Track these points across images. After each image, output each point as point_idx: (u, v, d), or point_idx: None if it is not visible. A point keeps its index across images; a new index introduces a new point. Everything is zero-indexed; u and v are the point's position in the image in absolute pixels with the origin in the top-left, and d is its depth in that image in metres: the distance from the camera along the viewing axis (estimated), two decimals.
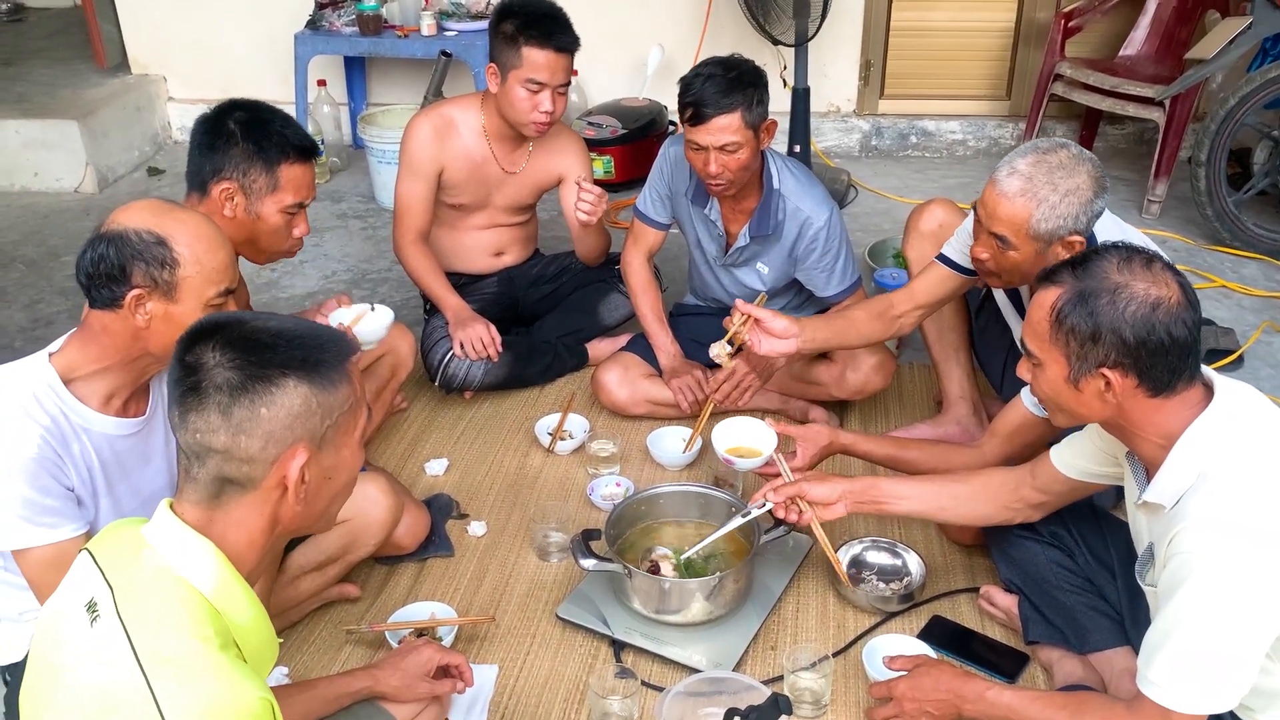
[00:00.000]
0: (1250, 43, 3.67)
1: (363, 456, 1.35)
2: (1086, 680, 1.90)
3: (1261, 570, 1.41)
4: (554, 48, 2.64)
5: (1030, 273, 2.00)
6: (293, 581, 2.08)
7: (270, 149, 2.05)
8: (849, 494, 2.02)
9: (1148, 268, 1.49)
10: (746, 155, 2.45)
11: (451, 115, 2.85)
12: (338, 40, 4.37)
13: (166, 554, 1.19)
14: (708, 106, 2.39)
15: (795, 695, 1.91)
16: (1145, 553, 1.62)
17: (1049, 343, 1.54)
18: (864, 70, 4.70)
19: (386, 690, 1.74)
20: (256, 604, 1.23)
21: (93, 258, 1.59)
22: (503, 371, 2.86)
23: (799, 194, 2.59)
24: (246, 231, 2.09)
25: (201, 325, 1.25)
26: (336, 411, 1.25)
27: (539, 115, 2.70)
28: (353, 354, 1.29)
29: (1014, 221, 1.96)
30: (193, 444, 1.21)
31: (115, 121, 4.56)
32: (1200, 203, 3.70)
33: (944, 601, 2.20)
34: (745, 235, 2.64)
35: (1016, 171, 1.95)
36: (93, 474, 1.68)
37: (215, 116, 2.09)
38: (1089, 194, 1.94)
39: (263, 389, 1.19)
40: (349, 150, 4.77)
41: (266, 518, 1.24)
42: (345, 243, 3.97)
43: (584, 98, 4.65)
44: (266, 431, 1.20)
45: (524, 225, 3.07)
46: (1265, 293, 3.47)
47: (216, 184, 2.05)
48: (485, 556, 2.36)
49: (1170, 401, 1.50)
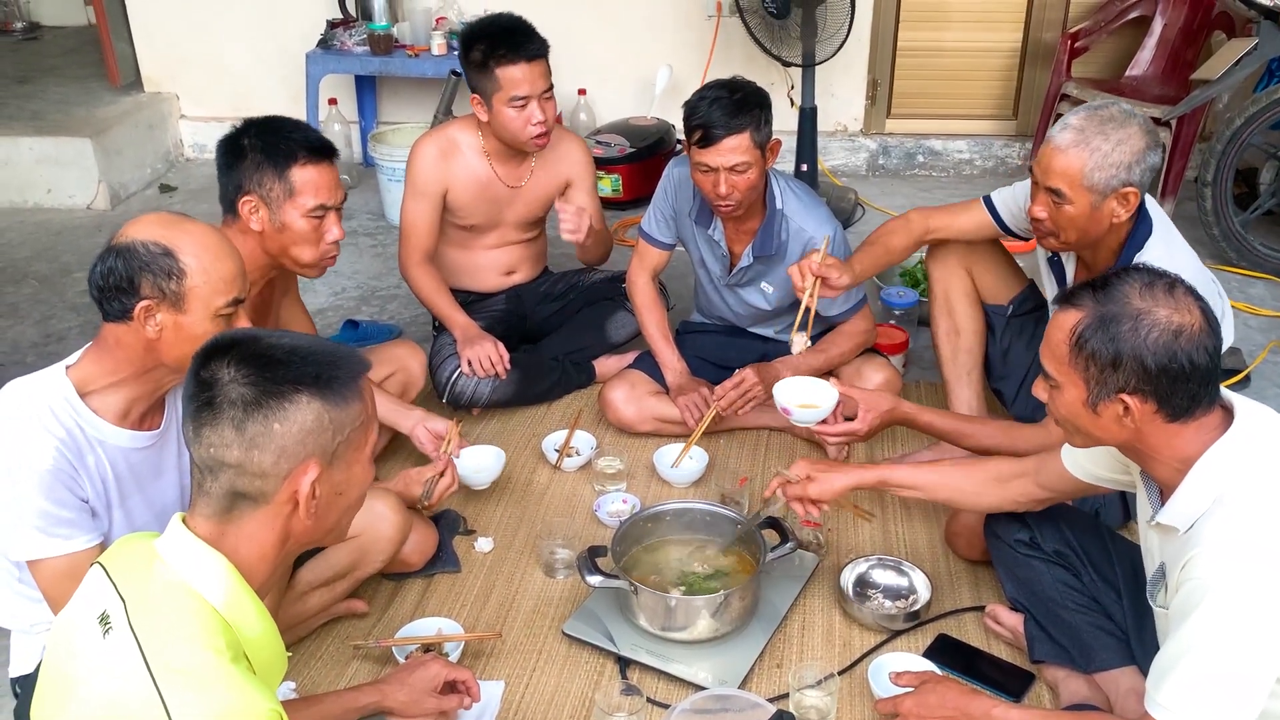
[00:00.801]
0: (1256, 63, 3.69)
1: (373, 472, 1.36)
2: (1092, 700, 1.90)
3: (1275, 599, 1.40)
4: (525, 59, 2.66)
5: (1087, 229, 2.06)
6: (301, 597, 2.09)
7: (279, 155, 2.07)
8: (858, 487, 2.06)
9: (1170, 293, 1.47)
10: (755, 175, 2.47)
11: (455, 137, 2.87)
12: (349, 59, 4.41)
13: (179, 567, 1.21)
14: (717, 128, 2.41)
15: (801, 713, 1.91)
16: (1156, 573, 1.61)
17: (1068, 366, 1.53)
18: (871, 90, 4.72)
19: (394, 705, 1.75)
20: (267, 617, 1.25)
21: (103, 270, 1.61)
22: (510, 389, 2.87)
23: (802, 214, 2.61)
24: (278, 243, 2.11)
25: (217, 341, 1.27)
26: (348, 428, 1.27)
27: (534, 129, 2.71)
28: (364, 371, 1.31)
29: (1068, 173, 2.01)
30: (206, 458, 1.22)
31: (128, 139, 4.61)
32: (1207, 222, 3.71)
33: (950, 620, 2.20)
34: (749, 255, 2.65)
35: (1069, 126, 2.03)
36: (107, 486, 1.69)
37: (233, 136, 2.12)
38: (1141, 144, 1.99)
39: (276, 404, 1.21)
40: (359, 168, 4.81)
41: (278, 532, 1.26)
42: (355, 260, 4.00)
43: (592, 116, 4.68)
44: (279, 447, 1.21)
45: (534, 241, 3.09)
46: (1272, 312, 3.47)
47: (240, 200, 2.07)
48: (492, 573, 2.37)
49: (1188, 427, 1.49)
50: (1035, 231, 2.20)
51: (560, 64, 4.69)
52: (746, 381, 2.57)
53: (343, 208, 2.18)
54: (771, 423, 2.81)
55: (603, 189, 4.33)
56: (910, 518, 2.50)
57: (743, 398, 2.59)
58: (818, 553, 2.35)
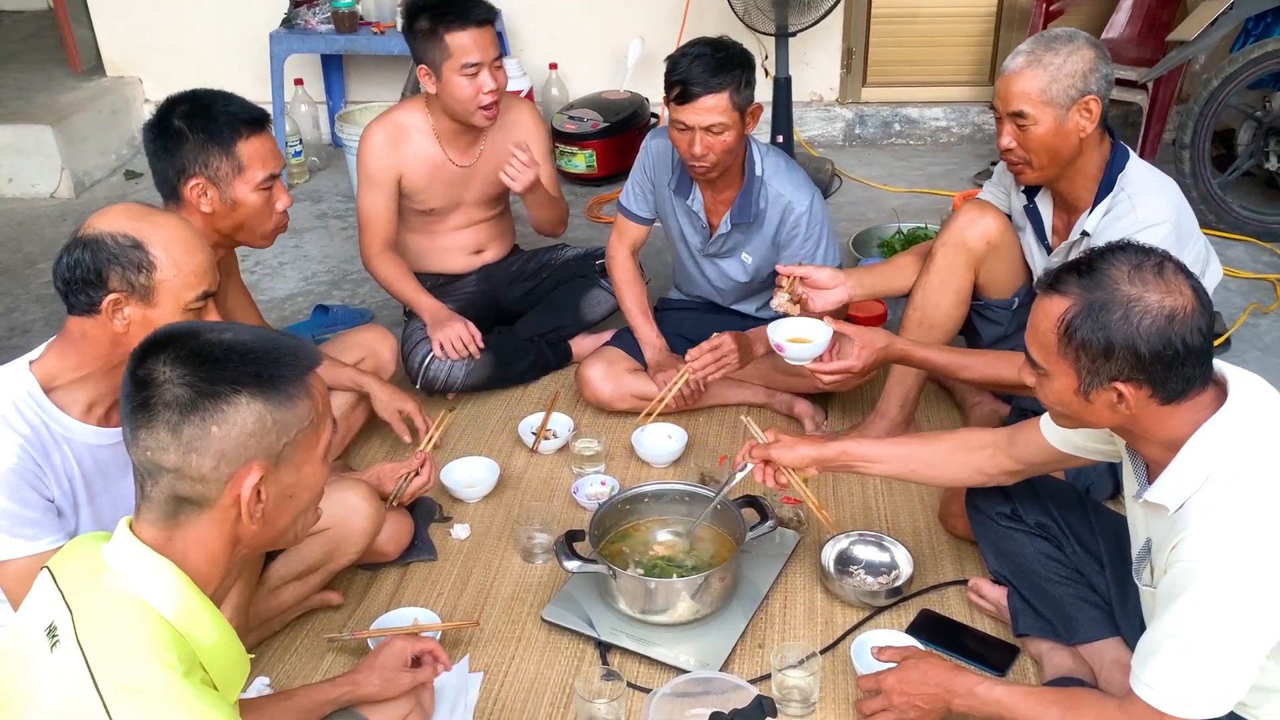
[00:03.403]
0: (1232, 23, 3.65)
1: (327, 473, 1.31)
2: (1077, 672, 1.88)
3: (1264, 583, 1.38)
4: (475, 23, 2.60)
5: (1057, 148, 2.09)
6: (274, 591, 2.06)
7: (221, 132, 2.01)
8: (819, 461, 2.00)
9: (1160, 275, 1.42)
10: (732, 138, 2.42)
11: (402, 121, 2.81)
12: (313, 39, 4.33)
13: (126, 576, 1.16)
14: (695, 85, 2.36)
15: (783, 694, 1.89)
16: (1143, 549, 1.59)
17: (1056, 355, 1.48)
18: (846, 58, 4.67)
19: (369, 692, 1.72)
20: (222, 624, 1.20)
21: (69, 263, 1.58)
22: (485, 372, 2.83)
23: (780, 180, 2.57)
24: (231, 221, 2.06)
25: (154, 338, 1.21)
26: (295, 428, 1.21)
27: (485, 98, 2.65)
28: (313, 366, 1.25)
29: (1028, 93, 2.07)
30: (145, 462, 1.18)
31: (91, 125, 4.52)
32: (1185, 185, 3.67)
33: (932, 595, 2.18)
34: (727, 222, 2.61)
35: (1020, 53, 2.10)
36: (74, 484, 1.65)
37: (159, 119, 2.05)
38: (1090, 54, 2.05)
39: (214, 406, 1.16)
40: (328, 149, 4.74)
41: (226, 536, 1.21)
42: (325, 243, 3.94)
43: (564, 91, 4.62)
44: (218, 450, 1.16)
45: (501, 217, 3.04)
46: (1251, 274, 3.45)
47: (185, 185, 2.01)
48: (469, 560, 2.33)
49: (1181, 408, 1.45)
50: (1009, 166, 2.21)
51: (531, 38, 4.68)
52: (724, 346, 2.50)
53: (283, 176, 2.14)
54: (750, 399, 2.78)
55: (576, 165, 4.28)
56: (891, 493, 2.48)
57: (717, 362, 2.52)
58: (798, 530, 2.33)
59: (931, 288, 2.39)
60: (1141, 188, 2.10)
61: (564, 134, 4.26)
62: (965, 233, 2.37)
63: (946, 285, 2.37)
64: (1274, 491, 1.41)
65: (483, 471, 2.55)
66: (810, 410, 2.73)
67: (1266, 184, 3.85)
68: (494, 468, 2.55)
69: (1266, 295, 3.34)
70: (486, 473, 2.54)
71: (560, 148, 4.26)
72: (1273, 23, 3.89)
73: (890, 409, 2.54)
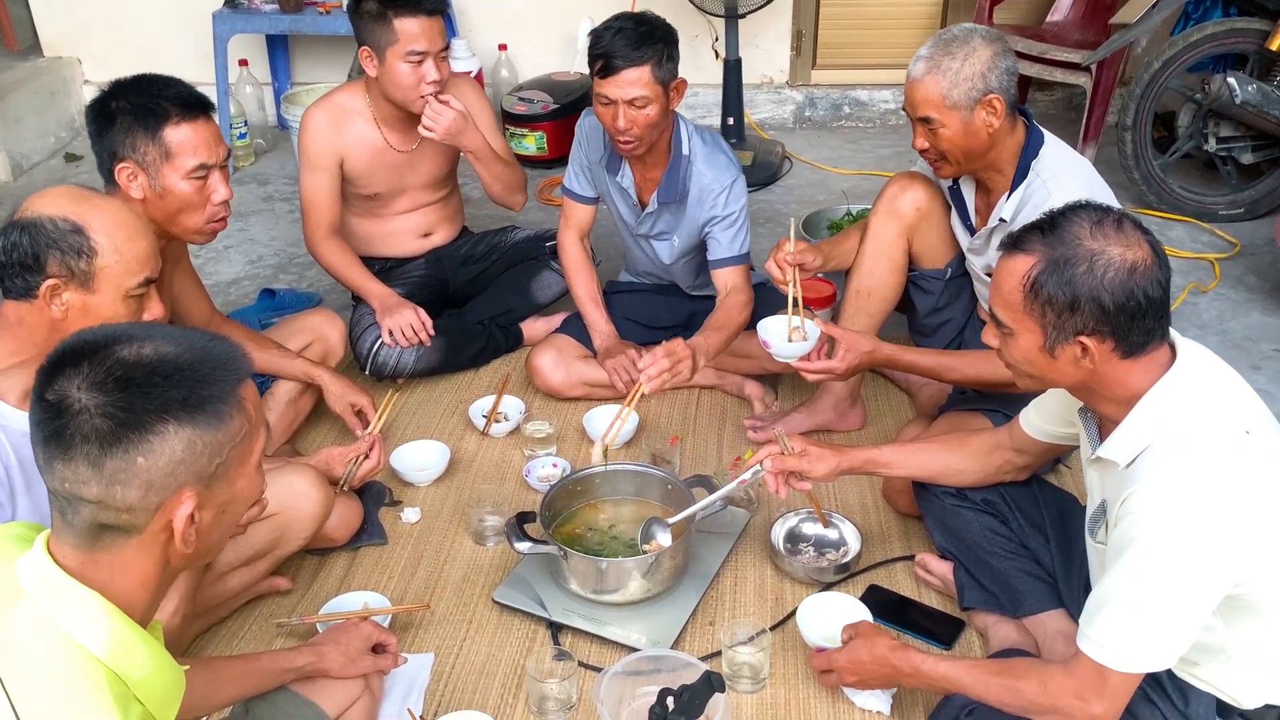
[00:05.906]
0: (1174, 6, 3.70)
1: (262, 479, 1.23)
2: (1021, 644, 1.92)
3: (1211, 535, 1.41)
4: (425, 12, 2.55)
5: (969, 145, 2.13)
6: (221, 577, 2.04)
7: (149, 115, 1.95)
8: (847, 473, 2.02)
9: (1120, 230, 1.47)
10: (655, 112, 2.42)
11: (343, 103, 2.75)
12: (258, 18, 4.24)
13: (47, 605, 1.08)
14: (617, 59, 2.36)
15: (734, 670, 1.91)
16: (1097, 510, 1.62)
17: (1022, 312, 1.51)
18: (796, 40, 4.68)
19: (330, 666, 1.71)
20: (155, 648, 1.13)
21: (5, 246, 1.55)
22: (435, 357, 2.81)
23: (705, 159, 2.57)
24: (161, 210, 2.00)
25: (63, 353, 1.09)
26: (227, 447, 1.12)
27: (427, 88, 2.61)
28: (244, 378, 1.15)
29: (930, 99, 2.11)
30: (61, 491, 1.08)
31: (28, 106, 4.41)
32: (1127, 166, 3.75)
33: (880, 571, 2.21)
34: (654, 201, 2.62)
35: (920, 58, 2.14)
36: (10, 473, 1.61)
37: (101, 99, 2.00)
38: (987, 53, 2.07)
39: (138, 438, 1.06)
40: (274, 131, 4.66)
41: (156, 560, 1.13)
42: (271, 226, 3.88)
43: (514, 72, 4.58)
44: (145, 481, 1.07)
45: (448, 200, 3.00)
46: (1190, 254, 3.52)
47: (116, 168, 1.97)
48: (420, 543, 2.32)
49: (1140, 362, 1.50)
50: (929, 162, 2.25)
51: (480, 18, 4.62)
52: (679, 353, 2.29)
53: (228, 165, 2.08)
54: (701, 381, 2.79)
55: (526, 146, 4.25)
56: None
57: (670, 369, 2.29)
58: (748, 508, 2.35)
59: (866, 256, 2.43)
60: (1055, 172, 2.13)
61: (514, 115, 4.23)
62: (896, 201, 2.42)
63: (880, 253, 2.41)
64: (1222, 446, 1.45)
65: (433, 455, 2.53)
66: (760, 391, 2.75)
67: (1206, 165, 3.92)
68: (445, 451, 2.54)
69: (1205, 274, 3.41)
70: (437, 456, 2.53)
71: (510, 129, 4.22)
72: (1212, 6, 3.96)
73: (835, 385, 2.57)
